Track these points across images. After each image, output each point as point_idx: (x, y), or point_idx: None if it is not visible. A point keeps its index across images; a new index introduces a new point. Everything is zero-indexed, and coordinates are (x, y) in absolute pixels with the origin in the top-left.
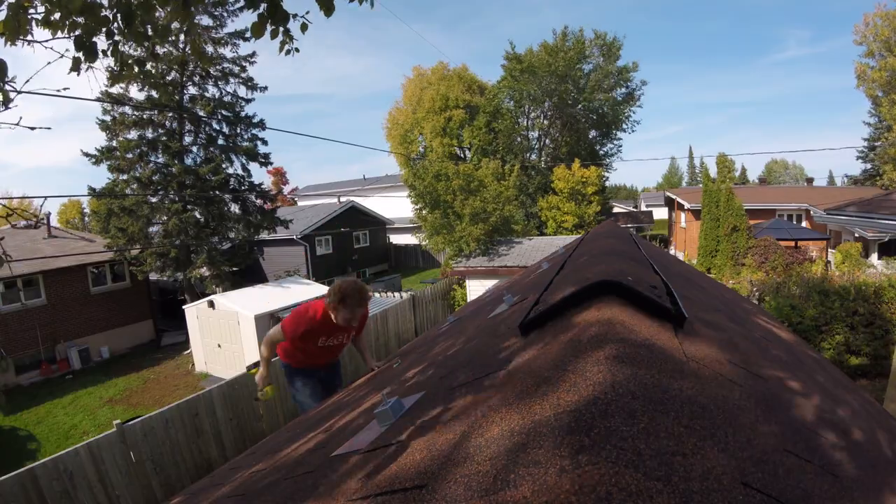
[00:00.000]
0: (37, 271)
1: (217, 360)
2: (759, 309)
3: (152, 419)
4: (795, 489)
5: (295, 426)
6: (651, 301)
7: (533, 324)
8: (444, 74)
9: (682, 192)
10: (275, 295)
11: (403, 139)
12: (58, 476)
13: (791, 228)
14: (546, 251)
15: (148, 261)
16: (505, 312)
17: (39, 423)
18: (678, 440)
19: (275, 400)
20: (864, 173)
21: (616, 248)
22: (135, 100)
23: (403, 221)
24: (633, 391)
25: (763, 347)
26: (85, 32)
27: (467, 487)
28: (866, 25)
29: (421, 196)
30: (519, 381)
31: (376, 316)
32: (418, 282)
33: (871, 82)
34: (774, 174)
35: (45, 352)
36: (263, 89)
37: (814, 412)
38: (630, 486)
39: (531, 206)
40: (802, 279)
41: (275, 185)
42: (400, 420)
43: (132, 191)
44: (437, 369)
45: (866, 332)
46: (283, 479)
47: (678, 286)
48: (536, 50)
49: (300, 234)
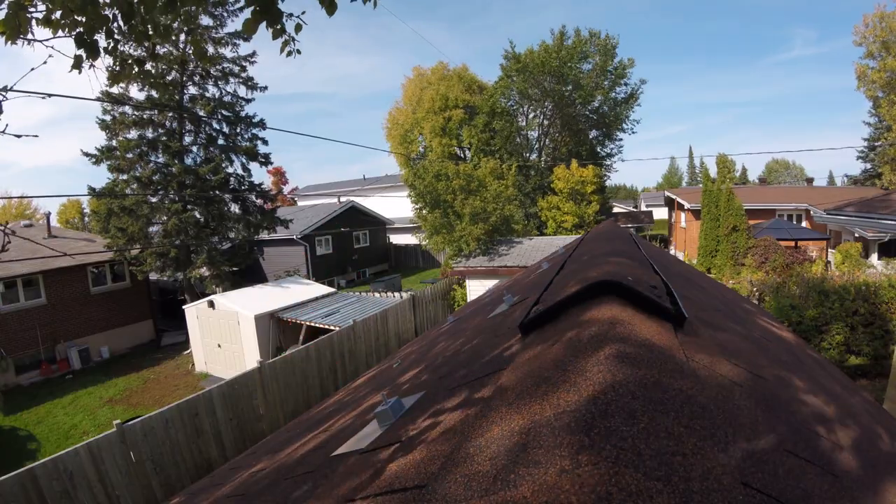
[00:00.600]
0: (37, 271)
1: (217, 360)
2: (759, 309)
3: (152, 419)
4: (795, 489)
5: (295, 426)
6: (651, 301)
7: (533, 324)
8: (443, 74)
9: (682, 192)
10: (275, 295)
11: (403, 139)
12: (58, 476)
13: (791, 228)
14: (546, 251)
15: (148, 261)
16: (505, 312)
17: (39, 423)
18: (678, 440)
19: (275, 400)
20: (864, 173)
21: (616, 249)
22: (135, 100)
23: (403, 221)
24: (633, 391)
25: (763, 347)
26: (86, 30)
27: (467, 487)
28: (866, 26)
29: (421, 196)
30: (519, 381)
31: (376, 316)
32: (418, 282)
33: (871, 83)
34: (774, 174)
35: (45, 352)
36: (263, 89)
37: (814, 412)
38: (630, 486)
39: (531, 206)
40: (802, 279)
41: (275, 185)
42: (400, 420)
43: (132, 191)
44: (437, 369)
45: (866, 332)
46: (283, 479)
47: (678, 286)
48: (536, 50)
49: (300, 234)
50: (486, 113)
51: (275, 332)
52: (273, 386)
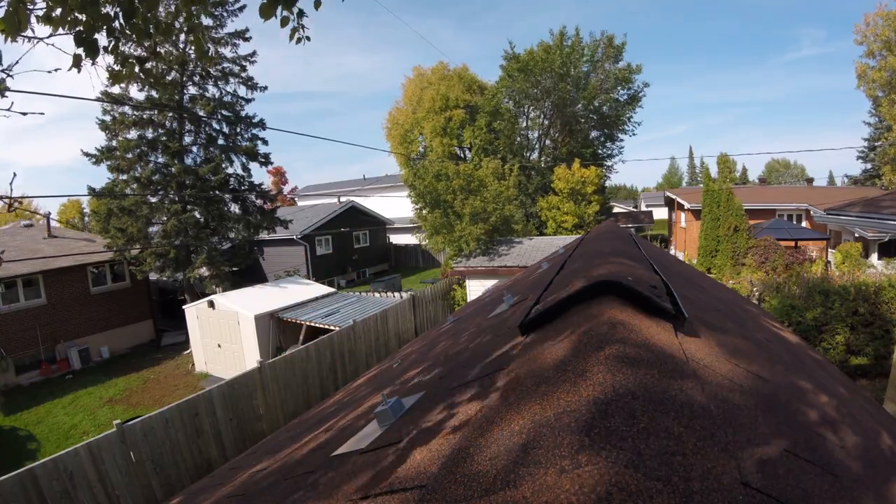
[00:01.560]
0: (37, 271)
1: (217, 360)
2: (759, 309)
3: (152, 419)
4: (795, 489)
5: (295, 426)
6: (651, 301)
7: (533, 324)
8: (444, 74)
9: (682, 192)
10: (275, 295)
11: (403, 139)
12: (58, 476)
13: (791, 228)
14: (546, 251)
15: (148, 261)
16: (505, 312)
17: (39, 423)
18: (678, 440)
19: (275, 400)
20: (865, 173)
21: (616, 249)
22: (135, 100)
23: (403, 221)
24: (633, 391)
25: (763, 347)
26: (86, 29)
27: (467, 487)
28: (867, 25)
29: (421, 196)
30: (519, 381)
31: (376, 316)
32: (418, 282)
33: (872, 82)
34: (774, 174)
35: (45, 352)
36: (263, 89)
37: (814, 412)
38: (630, 486)
39: (531, 206)
40: (802, 279)
41: (275, 185)
42: (400, 420)
43: (132, 191)
44: (437, 369)
45: (866, 332)
46: (284, 480)
47: (678, 286)
48: (536, 50)
49: (300, 234)
50: (489, 113)
51: (275, 332)
52: (273, 386)
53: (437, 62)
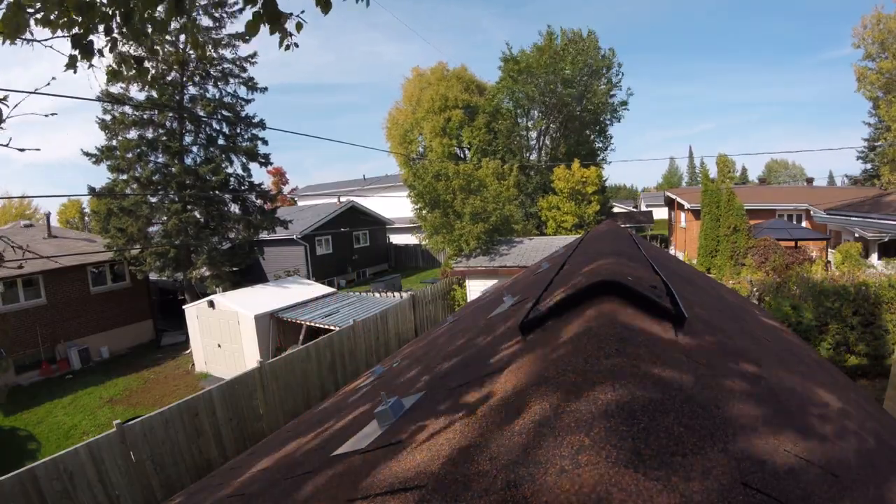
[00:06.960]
0: (37, 271)
1: (217, 360)
2: (758, 309)
3: (152, 419)
4: (795, 489)
5: (295, 426)
6: (651, 301)
7: (533, 324)
8: (443, 75)
9: (682, 192)
10: (275, 295)
11: (403, 139)
12: (58, 476)
13: (791, 228)
14: (546, 251)
15: (148, 261)
16: (505, 313)
17: (39, 423)
18: (678, 440)
19: (275, 400)
20: (864, 173)
21: (616, 249)
22: (135, 100)
23: (403, 221)
24: (633, 391)
25: (763, 347)
26: (82, 30)
27: (467, 487)
28: (864, 28)
29: (421, 196)
30: (518, 381)
31: (376, 316)
32: (418, 282)
33: (871, 84)
34: (774, 174)
35: (45, 352)
36: (264, 90)
37: (814, 412)
38: (630, 486)
39: (531, 206)
40: (802, 279)
41: (275, 185)
42: (400, 420)
43: (132, 191)
44: (436, 369)
45: (866, 332)
46: (283, 480)
47: (678, 286)
48: (529, 52)
49: (300, 234)
50: (489, 113)
51: (275, 332)
52: (273, 386)
53: (437, 62)
